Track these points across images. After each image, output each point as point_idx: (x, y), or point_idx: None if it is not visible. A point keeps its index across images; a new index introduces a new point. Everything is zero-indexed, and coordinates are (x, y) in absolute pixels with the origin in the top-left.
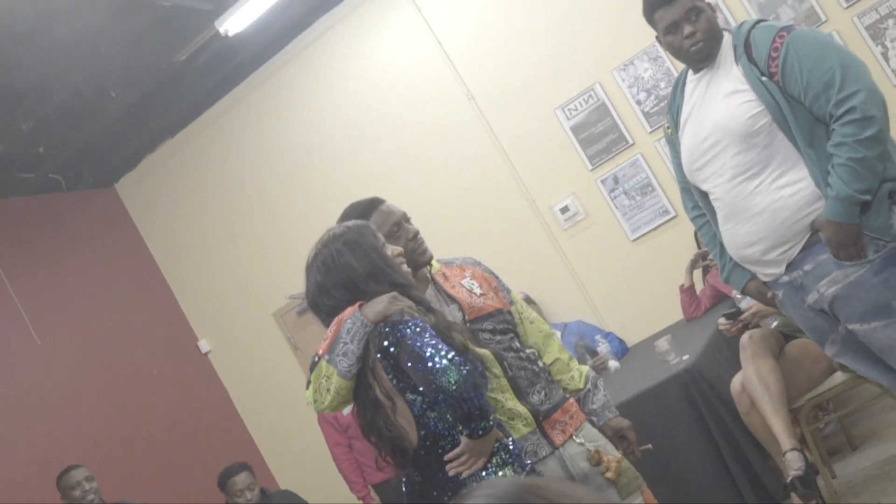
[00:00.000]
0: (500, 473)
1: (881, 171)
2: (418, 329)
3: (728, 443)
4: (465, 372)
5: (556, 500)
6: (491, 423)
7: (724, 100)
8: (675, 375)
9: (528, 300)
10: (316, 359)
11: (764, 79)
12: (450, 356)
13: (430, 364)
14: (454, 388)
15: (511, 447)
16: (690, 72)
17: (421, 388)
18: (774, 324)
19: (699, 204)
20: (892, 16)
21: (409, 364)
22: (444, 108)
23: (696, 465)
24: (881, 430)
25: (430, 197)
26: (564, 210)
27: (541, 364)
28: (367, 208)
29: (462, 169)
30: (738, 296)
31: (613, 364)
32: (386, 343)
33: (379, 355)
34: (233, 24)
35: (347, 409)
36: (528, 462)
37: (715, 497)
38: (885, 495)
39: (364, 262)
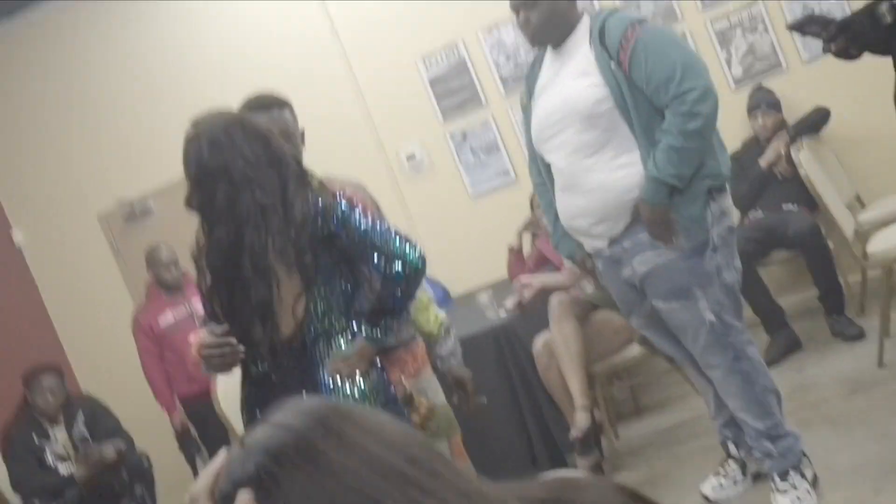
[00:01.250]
0: (367, 387)
1: (695, 163)
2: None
3: (528, 397)
4: (422, 257)
5: (364, 427)
6: (393, 328)
7: (573, 80)
8: (490, 329)
9: None
10: None
11: (612, 65)
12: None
13: (396, 235)
14: (416, 261)
15: (383, 373)
16: (550, 47)
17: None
18: (589, 290)
19: (542, 172)
20: (741, 25)
21: (369, 226)
22: (305, 37)
23: (497, 416)
24: (666, 401)
25: None
26: (411, 157)
27: None
28: (277, 104)
29: (315, 102)
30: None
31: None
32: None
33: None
34: None
35: (166, 321)
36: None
37: (509, 446)
38: (659, 459)
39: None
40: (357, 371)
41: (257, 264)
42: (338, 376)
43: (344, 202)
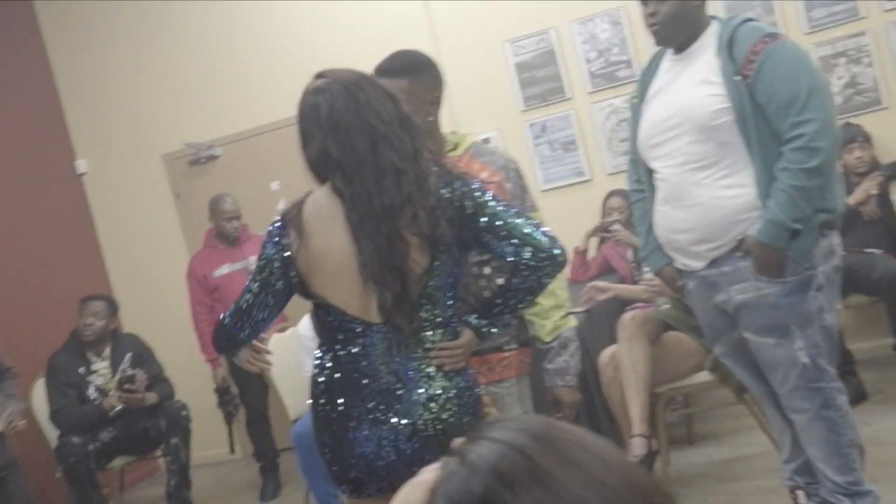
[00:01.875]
0: (456, 384)
1: (817, 202)
2: None
3: (586, 406)
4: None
5: (588, 450)
6: (505, 324)
7: (694, 87)
8: None
9: None
10: None
11: (737, 77)
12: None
13: (528, 222)
14: (549, 247)
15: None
16: (671, 50)
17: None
18: (665, 306)
19: (641, 179)
20: (846, 55)
21: (499, 209)
22: (394, 7)
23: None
24: (720, 433)
25: None
26: (486, 142)
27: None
28: (423, 65)
29: None
30: (647, 269)
31: None
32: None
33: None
34: None
35: (221, 273)
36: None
37: None
38: (713, 494)
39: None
40: (457, 364)
41: (390, 229)
42: (433, 368)
43: (474, 182)
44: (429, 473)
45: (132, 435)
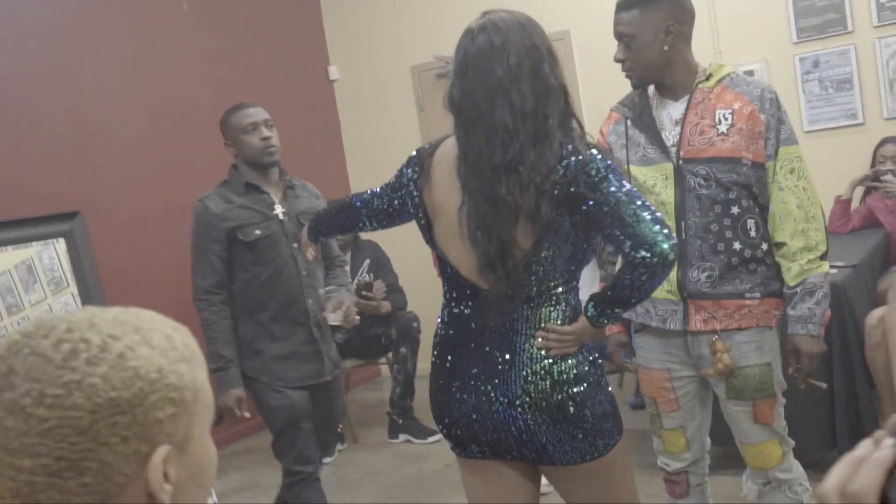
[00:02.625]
0: (571, 371)
1: None
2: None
3: (844, 369)
4: (674, 249)
5: None
6: (618, 318)
7: None
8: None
9: None
10: None
11: None
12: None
13: (651, 216)
14: (667, 253)
15: (597, 355)
16: None
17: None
18: None
19: None
20: None
21: (622, 197)
22: None
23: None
24: None
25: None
26: (749, 74)
27: (738, 245)
28: None
29: None
30: None
31: None
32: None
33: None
34: None
35: None
36: (601, 363)
37: (808, 418)
38: None
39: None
40: (568, 350)
41: (493, 190)
42: (543, 351)
43: (601, 159)
44: (883, 451)
45: (363, 339)
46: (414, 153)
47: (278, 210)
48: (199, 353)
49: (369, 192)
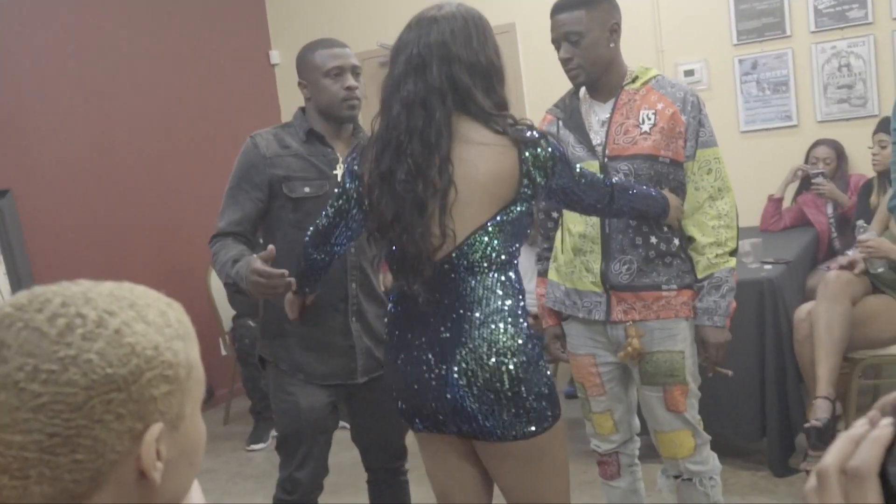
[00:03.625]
0: (515, 341)
1: None
2: None
3: (775, 361)
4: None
5: None
6: None
7: None
8: (754, 280)
9: None
10: None
11: None
12: None
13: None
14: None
15: (537, 339)
16: None
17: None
18: (880, 269)
19: None
20: None
21: (571, 180)
22: None
23: (735, 372)
24: None
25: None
26: (689, 73)
27: (654, 239)
28: None
29: None
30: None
31: None
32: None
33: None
34: None
35: None
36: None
37: (739, 409)
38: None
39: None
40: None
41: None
42: (477, 314)
43: (546, 145)
44: (881, 429)
45: None
46: (353, 152)
47: (340, 170)
48: (192, 330)
49: (318, 225)
